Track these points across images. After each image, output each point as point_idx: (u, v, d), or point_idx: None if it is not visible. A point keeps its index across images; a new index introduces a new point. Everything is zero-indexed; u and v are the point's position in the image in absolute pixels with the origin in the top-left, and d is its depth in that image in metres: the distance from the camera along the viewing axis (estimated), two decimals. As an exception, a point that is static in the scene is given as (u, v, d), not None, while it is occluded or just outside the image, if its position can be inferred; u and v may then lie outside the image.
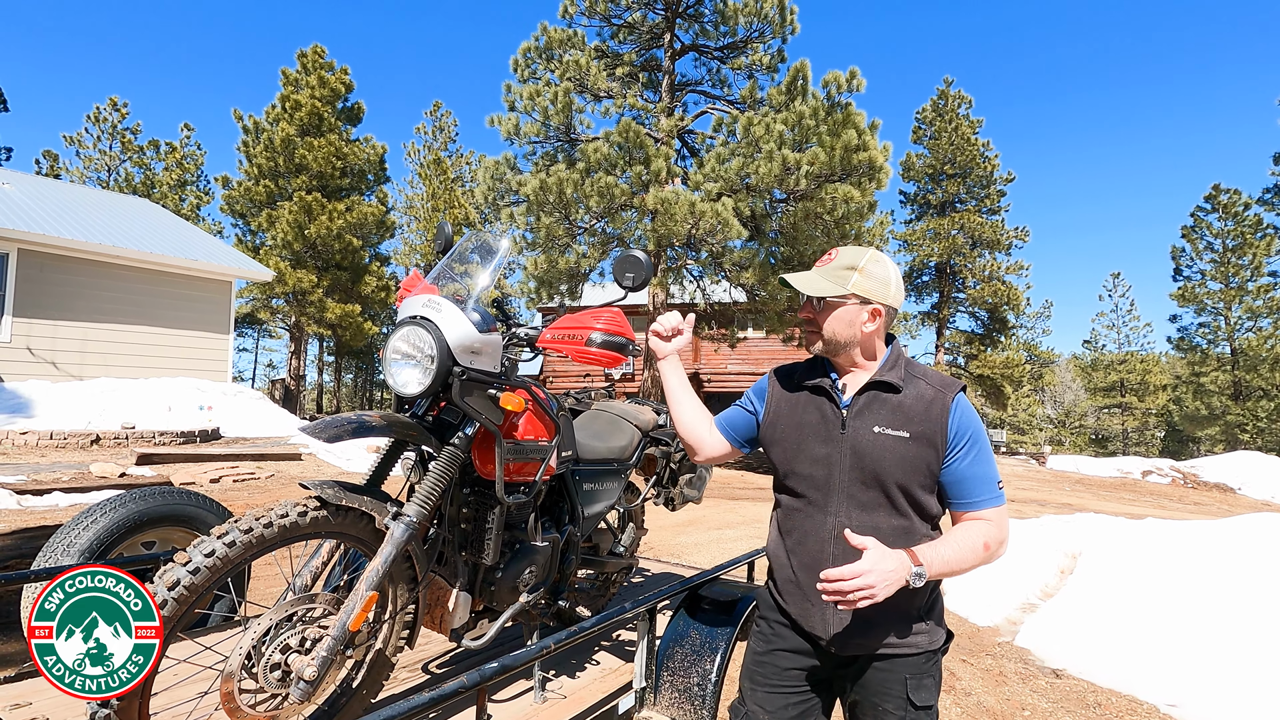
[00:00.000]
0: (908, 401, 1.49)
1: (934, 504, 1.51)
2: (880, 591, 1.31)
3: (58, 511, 6.42)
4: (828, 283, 1.53)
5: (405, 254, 34.90)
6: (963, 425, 1.47)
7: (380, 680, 1.82)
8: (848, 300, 1.51)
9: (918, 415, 1.47)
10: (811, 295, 1.54)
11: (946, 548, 1.43)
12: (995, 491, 1.49)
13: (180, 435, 10.60)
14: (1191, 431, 39.36)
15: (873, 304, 1.51)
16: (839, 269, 1.53)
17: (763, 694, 1.61)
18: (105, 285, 12.83)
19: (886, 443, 1.47)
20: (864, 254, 1.54)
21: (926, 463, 1.46)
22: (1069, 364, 50.09)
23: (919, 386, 1.51)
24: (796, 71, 13.96)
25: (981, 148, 34.62)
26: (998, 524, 1.48)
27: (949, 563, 1.42)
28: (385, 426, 1.71)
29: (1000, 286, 34.09)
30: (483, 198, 15.87)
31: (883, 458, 1.46)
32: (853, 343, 1.54)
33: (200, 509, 2.67)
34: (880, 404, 1.50)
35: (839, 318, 1.53)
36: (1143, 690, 3.99)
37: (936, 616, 1.56)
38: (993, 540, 1.46)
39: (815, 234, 14.10)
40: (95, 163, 33.15)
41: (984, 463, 1.48)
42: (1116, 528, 7.88)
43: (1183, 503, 14.56)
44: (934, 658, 1.54)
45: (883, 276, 1.52)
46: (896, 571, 1.33)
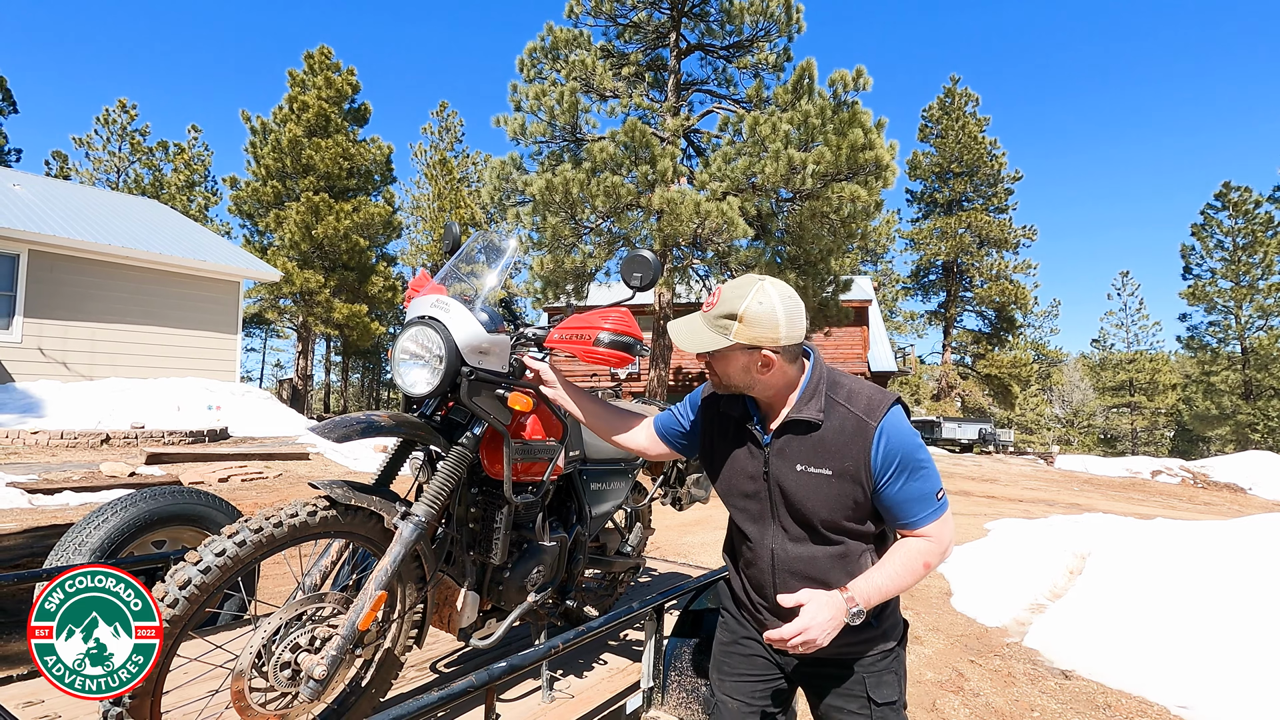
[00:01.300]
0: (829, 436, 1.44)
1: (870, 526, 1.49)
2: (821, 640, 1.35)
3: (69, 510, 6.47)
4: (711, 333, 1.44)
5: (412, 254, 35.04)
6: (889, 453, 1.40)
7: (389, 679, 1.83)
8: (733, 349, 1.44)
9: (838, 450, 1.43)
10: (690, 351, 1.50)
11: (882, 576, 1.43)
12: (933, 505, 1.43)
13: (189, 435, 10.67)
14: (1201, 431, 39.10)
15: (760, 349, 1.42)
16: (720, 317, 1.43)
17: (730, 683, 1.66)
18: (115, 286, 12.93)
19: (809, 481, 1.45)
20: (745, 296, 1.41)
21: (853, 498, 1.43)
22: (1077, 363, 49.85)
23: (840, 417, 1.44)
24: (802, 70, 13.93)
25: (988, 146, 34.49)
26: (937, 538, 1.44)
27: (885, 591, 1.43)
28: (394, 426, 1.72)
29: (1008, 285, 33.95)
30: (489, 198, 15.91)
31: (807, 497, 1.46)
32: (755, 384, 1.48)
33: (210, 508, 2.68)
34: (799, 443, 1.46)
35: (731, 365, 1.47)
36: (1153, 692, 3.96)
37: (888, 618, 1.56)
38: (934, 556, 1.45)
39: (821, 233, 14.07)
40: (105, 164, 33.44)
41: (919, 480, 1.42)
42: (1126, 528, 7.84)
43: (1193, 503, 14.46)
44: (891, 653, 1.55)
45: (768, 319, 1.39)
46: (834, 619, 1.37)
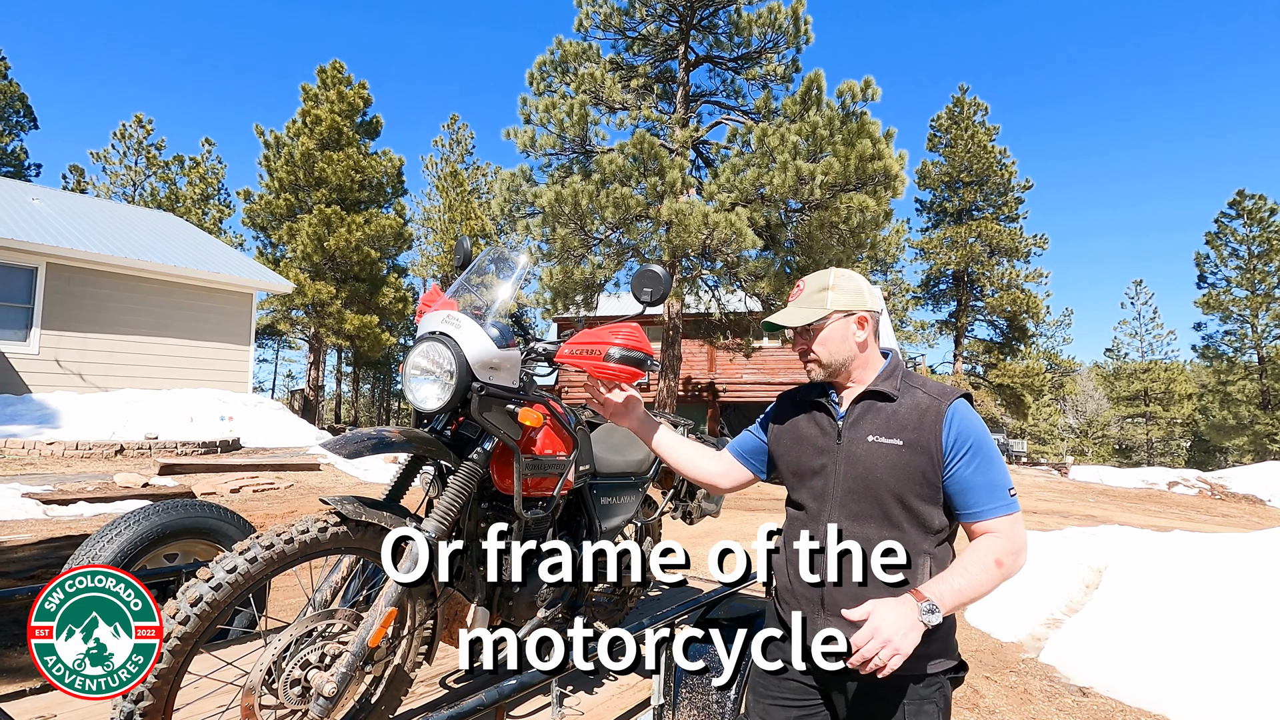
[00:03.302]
0: (902, 410, 1.50)
1: (935, 516, 1.46)
2: (902, 643, 1.26)
3: (83, 521, 6.52)
4: (808, 310, 1.57)
5: (422, 266, 35.26)
6: (961, 433, 1.45)
7: (399, 696, 1.82)
8: (830, 319, 1.56)
9: (911, 423, 1.47)
10: (798, 326, 1.58)
11: (957, 578, 1.38)
12: (1005, 499, 1.44)
13: (202, 445, 10.74)
14: (1219, 441, 38.58)
15: (855, 314, 1.56)
16: (813, 294, 1.59)
17: (767, 707, 1.62)
18: (130, 298, 13.09)
19: (880, 451, 1.47)
20: (829, 273, 1.60)
21: (921, 471, 1.44)
22: (1090, 372, 49.35)
23: (915, 395, 1.52)
24: (811, 81, 13.97)
25: (998, 155, 34.40)
26: (1008, 535, 1.42)
27: (962, 592, 1.37)
28: (405, 442, 1.72)
29: (1019, 294, 33.74)
30: (499, 210, 16.01)
31: (875, 465, 1.46)
32: (851, 358, 1.57)
33: (222, 522, 2.70)
34: (874, 413, 1.52)
35: (830, 338, 1.56)
36: (1174, 711, 3.89)
37: (943, 638, 1.49)
38: (1005, 554, 1.41)
39: (831, 243, 14.05)
40: (121, 178, 33.93)
41: (989, 470, 1.45)
42: (1142, 540, 7.72)
43: (1211, 515, 14.24)
44: (938, 682, 1.48)
45: (854, 287, 1.58)
46: (906, 616, 1.29)
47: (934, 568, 1.45)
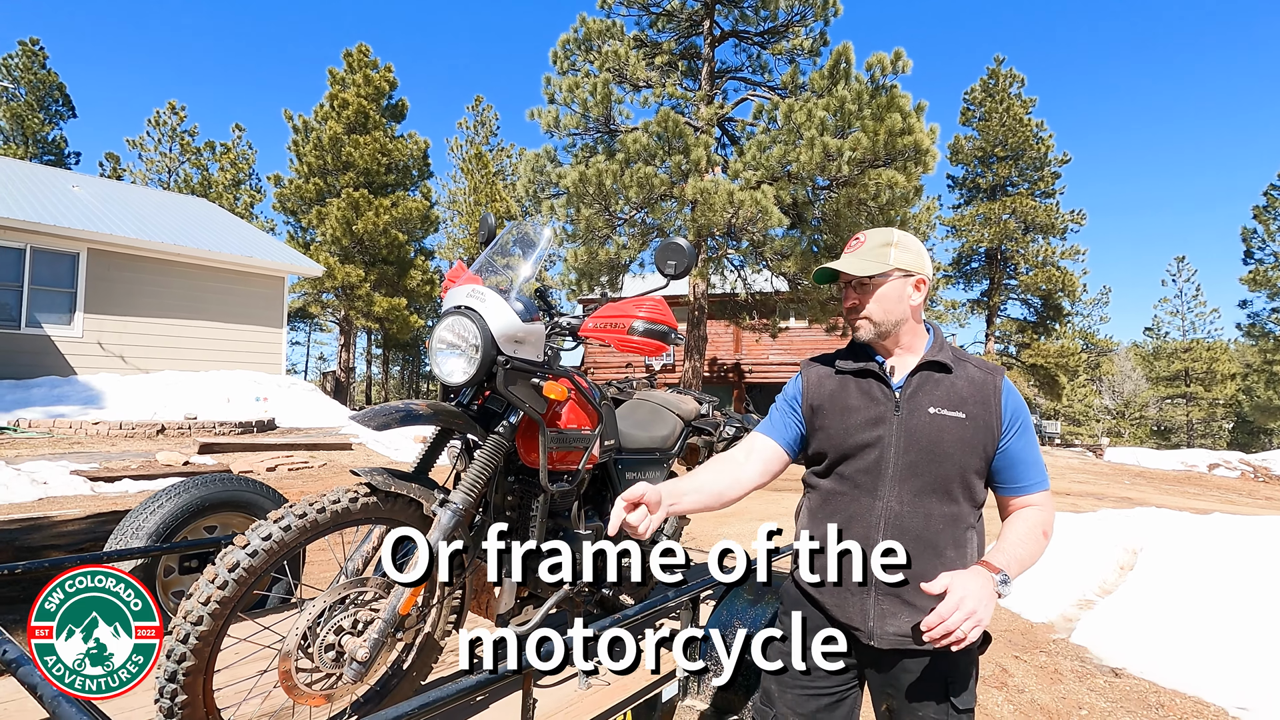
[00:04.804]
0: (960, 383, 1.47)
1: (982, 490, 1.49)
2: (985, 613, 1.25)
3: (127, 497, 6.76)
4: (869, 263, 1.48)
5: (449, 248, 35.52)
6: (1016, 407, 1.47)
7: (429, 663, 1.87)
8: (891, 276, 1.48)
9: (971, 397, 1.46)
10: (858, 275, 1.49)
11: (1018, 547, 1.40)
12: (1044, 474, 1.50)
13: (238, 425, 11.04)
14: (1263, 423, 37.33)
15: (915, 275, 1.49)
16: (875, 248, 1.50)
17: (793, 695, 1.55)
18: (168, 282, 13.42)
19: (943, 424, 1.43)
20: (892, 231, 1.53)
21: (983, 444, 1.44)
22: (1129, 352, 47.99)
23: (967, 369, 1.50)
24: (839, 55, 13.64)
25: (1034, 128, 33.27)
26: (1048, 508, 1.48)
27: (1024, 562, 1.40)
28: (432, 415, 1.74)
29: (1054, 272, 32.80)
30: (524, 190, 16.02)
31: (940, 439, 1.43)
32: (903, 320, 1.49)
33: (258, 495, 2.77)
34: (934, 384, 1.47)
35: (886, 295, 1.48)
36: (1209, 692, 3.81)
37: None
38: (1049, 526, 1.46)
39: (859, 221, 13.80)
40: (156, 164, 34.63)
41: (1034, 446, 1.49)
42: (1180, 523, 7.54)
43: (1253, 498, 13.83)
44: (972, 654, 1.49)
45: (917, 249, 1.52)
46: (985, 586, 1.28)
47: (978, 540, 1.48)
